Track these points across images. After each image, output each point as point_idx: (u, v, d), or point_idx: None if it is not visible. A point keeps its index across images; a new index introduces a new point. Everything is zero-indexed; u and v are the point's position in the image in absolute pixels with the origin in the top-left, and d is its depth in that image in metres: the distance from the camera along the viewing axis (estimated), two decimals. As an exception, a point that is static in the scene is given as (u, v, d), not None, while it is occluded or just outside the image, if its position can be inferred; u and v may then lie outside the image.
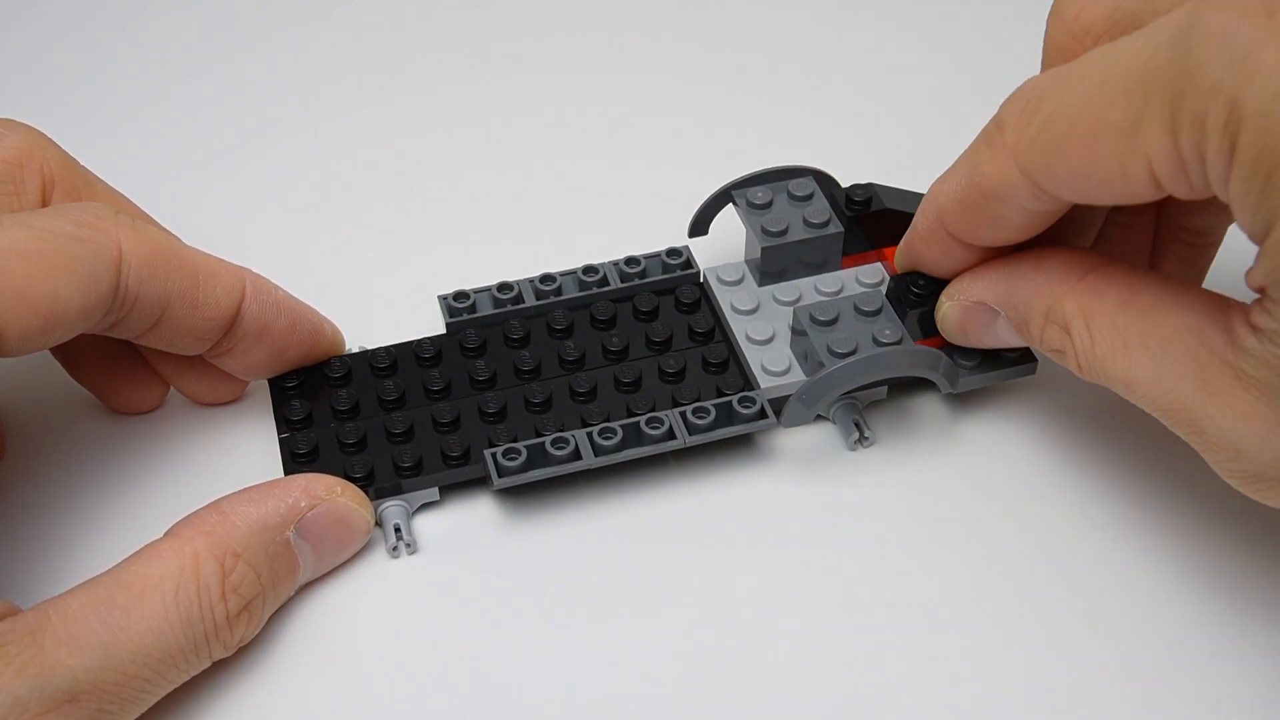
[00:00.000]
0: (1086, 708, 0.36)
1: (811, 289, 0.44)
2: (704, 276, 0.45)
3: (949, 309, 0.40)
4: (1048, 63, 0.38)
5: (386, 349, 0.43)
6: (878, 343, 0.41)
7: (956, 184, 0.38)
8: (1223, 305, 0.34)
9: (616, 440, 0.40)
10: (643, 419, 0.40)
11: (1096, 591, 0.39)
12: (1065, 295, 0.37)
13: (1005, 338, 0.40)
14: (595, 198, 0.51)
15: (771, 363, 0.42)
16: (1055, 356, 0.38)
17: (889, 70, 0.56)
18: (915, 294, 0.41)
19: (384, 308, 0.46)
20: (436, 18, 0.59)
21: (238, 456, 0.42)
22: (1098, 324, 0.36)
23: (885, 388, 0.43)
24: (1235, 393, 0.33)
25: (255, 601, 0.36)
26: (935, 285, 0.41)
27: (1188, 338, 0.34)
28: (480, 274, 0.46)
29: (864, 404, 0.43)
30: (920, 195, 0.45)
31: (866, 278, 0.44)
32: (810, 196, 0.44)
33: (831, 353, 0.41)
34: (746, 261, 0.45)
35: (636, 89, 0.56)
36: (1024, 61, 0.57)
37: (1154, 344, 0.35)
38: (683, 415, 0.40)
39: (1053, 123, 0.33)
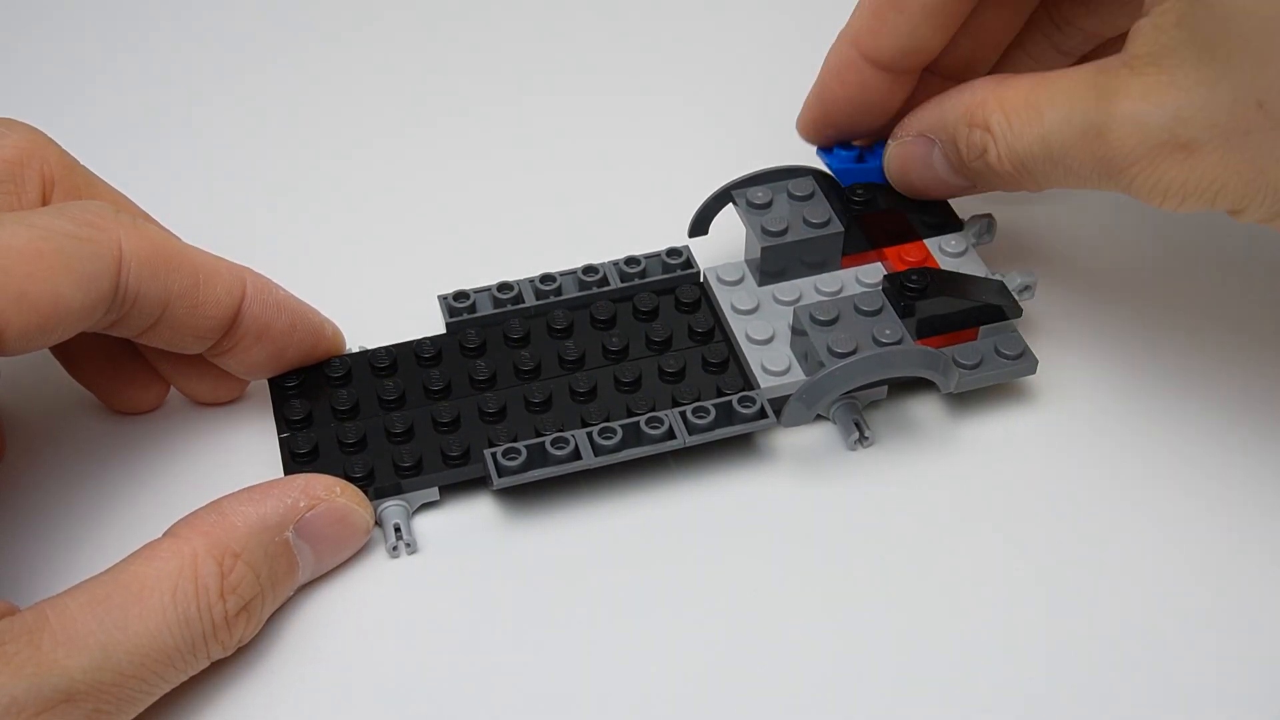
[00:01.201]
0: (1087, 707, 0.36)
1: (811, 289, 0.44)
2: (704, 276, 0.45)
3: (893, 149, 0.43)
4: None
5: (386, 349, 0.43)
6: (878, 343, 0.41)
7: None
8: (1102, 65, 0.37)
9: (616, 440, 0.40)
10: (643, 419, 0.40)
11: (1096, 591, 0.39)
12: (985, 96, 0.40)
13: (941, 171, 0.42)
14: (595, 197, 0.51)
15: (771, 363, 0.42)
16: (980, 163, 0.40)
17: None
18: (911, 290, 0.41)
19: (384, 308, 0.46)
20: (437, 19, 0.59)
21: (238, 456, 0.42)
22: (1013, 107, 0.39)
23: (885, 388, 0.43)
24: (1131, 82, 0.36)
25: (254, 602, 0.36)
26: (930, 280, 0.41)
27: (1088, 72, 0.37)
28: (480, 274, 0.46)
29: (864, 404, 0.43)
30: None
31: (866, 277, 0.44)
32: (810, 196, 0.44)
33: (831, 353, 0.41)
34: (746, 261, 0.45)
35: (636, 89, 0.56)
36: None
37: (1060, 93, 0.38)
38: (683, 415, 0.40)
39: None
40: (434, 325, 0.45)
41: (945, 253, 0.44)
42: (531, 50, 0.58)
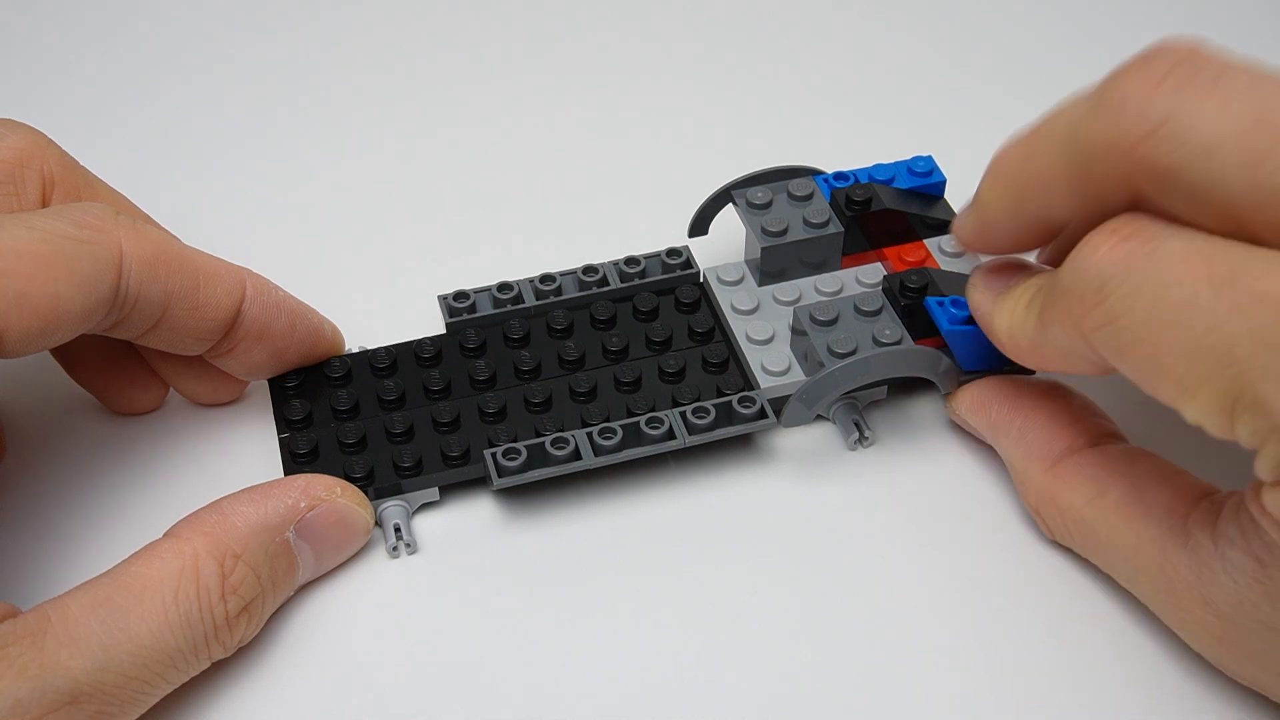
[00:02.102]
0: (1087, 707, 0.36)
1: (811, 289, 0.44)
2: (704, 276, 0.45)
3: (950, 413, 0.42)
4: None
5: (386, 349, 0.43)
6: (878, 343, 0.41)
7: (1032, 327, 0.36)
8: (1187, 510, 0.35)
9: (616, 440, 0.40)
10: (643, 419, 0.40)
11: (1096, 591, 0.39)
12: (1037, 479, 0.38)
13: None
14: (595, 198, 0.51)
15: (771, 363, 0.42)
16: (1037, 521, 0.39)
17: (889, 70, 0.56)
18: (911, 290, 0.41)
19: (384, 308, 0.46)
20: (436, 18, 0.59)
21: (238, 456, 0.42)
22: (1068, 517, 0.38)
23: (885, 388, 0.43)
24: (1208, 618, 0.34)
25: (255, 602, 0.36)
26: (930, 280, 0.42)
27: (1151, 551, 0.35)
28: (480, 274, 0.46)
29: (864, 404, 0.43)
30: (915, 195, 0.45)
31: (866, 277, 0.44)
32: (810, 196, 0.44)
33: (831, 353, 0.41)
34: (746, 261, 0.45)
35: (636, 89, 0.56)
36: (1026, 61, 0.57)
37: (1123, 549, 0.36)
38: (682, 415, 0.40)
39: (1118, 326, 0.32)
40: (434, 325, 0.45)
41: (945, 253, 0.44)
42: (531, 50, 0.57)
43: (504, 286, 0.44)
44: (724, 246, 0.47)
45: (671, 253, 0.45)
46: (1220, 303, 0.30)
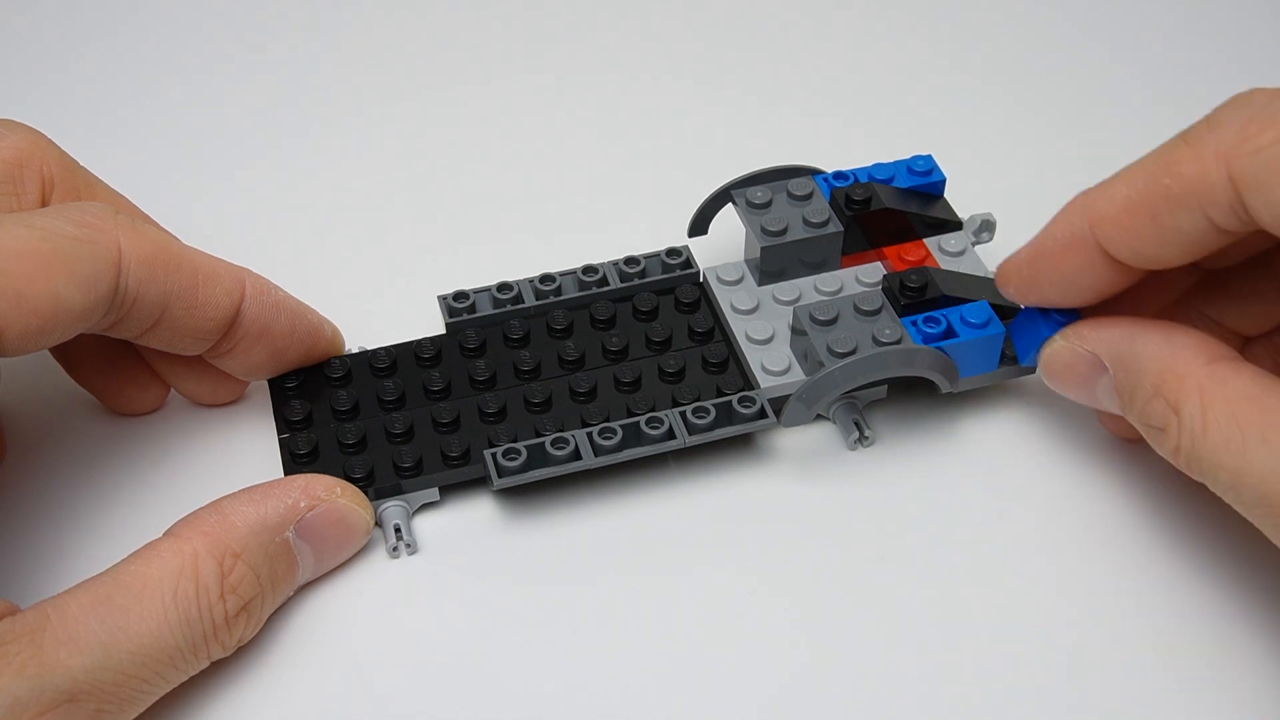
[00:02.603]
0: (1088, 705, 0.36)
1: (811, 288, 0.44)
2: (704, 276, 0.45)
3: (1060, 348, 0.39)
4: None
5: (386, 349, 0.43)
6: (878, 342, 0.41)
7: (1129, 188, 0.35)
8: None
9: (616, 440, 0.40)
10: (643, 419, 0.40)
11: (1097, 590, 0.39)
12: (1187, 373, 0.35)
13: (1103, 399, 0.38)
14: (595, 198, 0.51)
15: (771, 362, 0.42)
16: (1151, 435, 0.36)
17: (889, 70, 0.56)
18: (911, 290, 0.41)
19: (384, 308, 0.46)
20: (436, 18, 0.59)
21: (238, 456, 0.42)
22: (1215, 410, 0.34)
23: (885, 388, 0.43)
24: None
25: (254, 602, 0.36)
26: (930, 280, 0.42)
27: None
28: (480, 274, 0.46)
29: (864, 404, 0.43)
30: (914, 194, 0.45)
31: (866, 277, 0.44)
32: (810, 196, 0.44)
33: (831, 352, 0.41)
34: (746, 261, 0.45)
35: (636, 89, 0.56)
36: (1026, 61, 0.57)
37: (1276, 440, 0.33)
38: (682, 415, 0.40)
39: None
40: (434, 325, 0.45)
41: (945, 252, 0.44)
42: (531, 50, 0.58)
43: (504, 286, 0.44)
44: (724, 246, 0.47)
45: (671, 252, 0.45)
46: None
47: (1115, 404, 0.38)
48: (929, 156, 0.45)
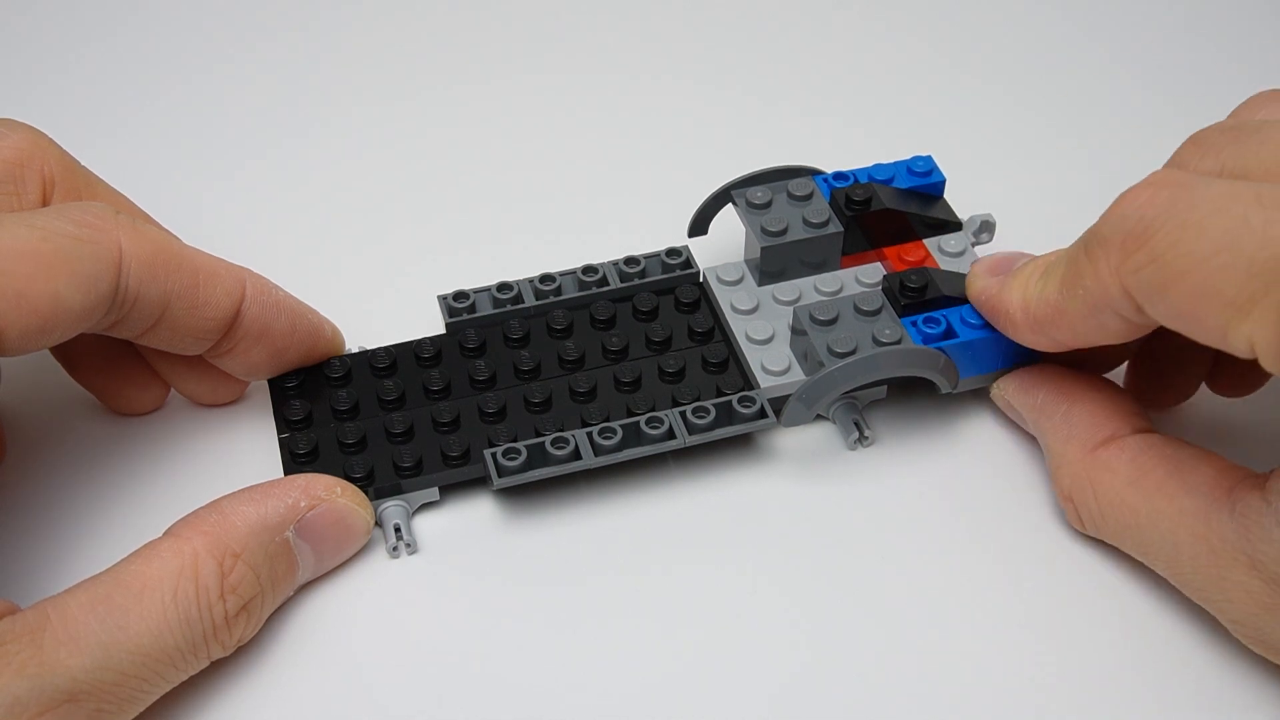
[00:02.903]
0: (1088, 706, 0.36)
1: (811, 289, 0.44)
2: (704, 276, 0.45)
3: (994, 394, 0.42)
4: None
5: (386, 349, 0.43)
6: (877, 342, 0.41)
7: (1053, 291, 0.37)
8: (1231, 484, 0.35)
9: (616, 440, 0.40)
10: (642, 419, 0.40)
11: (1097, 590, 0.39)
12: (1077, 460, 0.38)
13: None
14: (595, 198, 0.51)
15: (771, 362, 0.42)
16: (1061, 503, 0.39)
17: (889, 70, 0.56)
18: (911, 290, 0.41)
19: (384, 308, 0.46)
20: (436, 18, 0.59)
21: (238, 456, 0.42)
22: (1106, 500, 0.38)
23: (885, 388, 0.43)
24: (1253, 583, 0.34)
25: (254, 602, 0.36)
26: (930, 280, 0.42)
27: (1193, 522, 0.35)
28: (480, 274, 0.46)
29: (864, 404, 0.43)
30: (914, 195, 0.45)
31: (866, 277, 0.44)
32: (810, 196, 0.44)
33: (831, 352, 0.41)
34: (746, 261, 0.45)
35: (636, 89, 0.56)
36: (1026, 61, 0.57)
37: (1163, 525, 0.36)
38: (682, 415, 0.40)
39: (1163, 262, 0.32)
40: (434, 325, 0.45)
41: (945, 253, 0.44)
42: (531, 50, 0.58)
43: (504, 286, 0.44)
44: (724, 246, 0.47)
45: (671, 252, 0.45)
46: (1273, 218, 0.31)
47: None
48: (929, 157, 0.45)
